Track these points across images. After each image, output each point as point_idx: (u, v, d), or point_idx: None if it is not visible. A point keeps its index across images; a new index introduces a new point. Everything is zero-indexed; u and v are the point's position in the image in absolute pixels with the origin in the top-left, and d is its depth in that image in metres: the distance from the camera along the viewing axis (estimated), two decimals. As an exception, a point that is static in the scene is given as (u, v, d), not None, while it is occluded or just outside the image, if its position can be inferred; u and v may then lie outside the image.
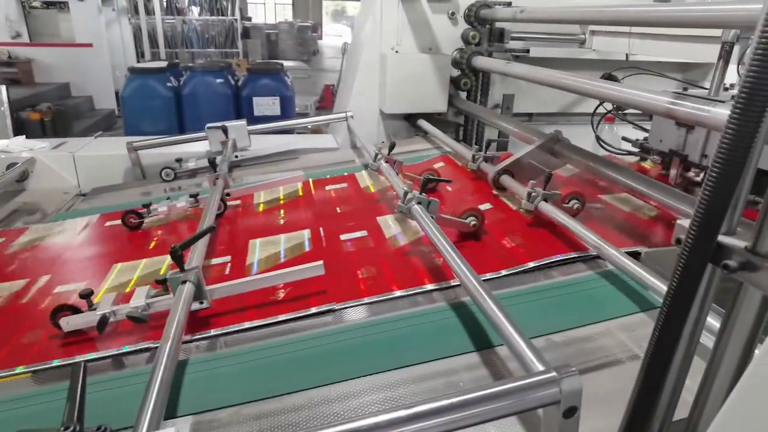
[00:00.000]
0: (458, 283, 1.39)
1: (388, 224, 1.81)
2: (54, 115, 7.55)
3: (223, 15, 13.69)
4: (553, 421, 0.82)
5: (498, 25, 2.85)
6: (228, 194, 2.04)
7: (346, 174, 2.37)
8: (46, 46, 9.89)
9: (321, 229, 1.79)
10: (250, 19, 19.16)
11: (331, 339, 1.24)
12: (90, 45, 10.05)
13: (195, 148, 2.73)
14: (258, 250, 1.70)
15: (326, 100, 10.00)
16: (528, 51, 2.98)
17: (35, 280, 1.66)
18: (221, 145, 2.55)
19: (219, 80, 5.34)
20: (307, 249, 1.67)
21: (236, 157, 2.56)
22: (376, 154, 2.08)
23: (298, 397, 1.09)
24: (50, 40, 9.94)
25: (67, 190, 2.56)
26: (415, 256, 1.59)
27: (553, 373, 0.81)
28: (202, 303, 1.32)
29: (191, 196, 2.00)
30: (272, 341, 1.25)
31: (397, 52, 2.86)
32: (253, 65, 5.84)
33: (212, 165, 2.13)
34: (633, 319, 1.30)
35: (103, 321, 1.28)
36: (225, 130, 2.54)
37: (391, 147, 2.14)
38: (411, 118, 2.98)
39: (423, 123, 2.87)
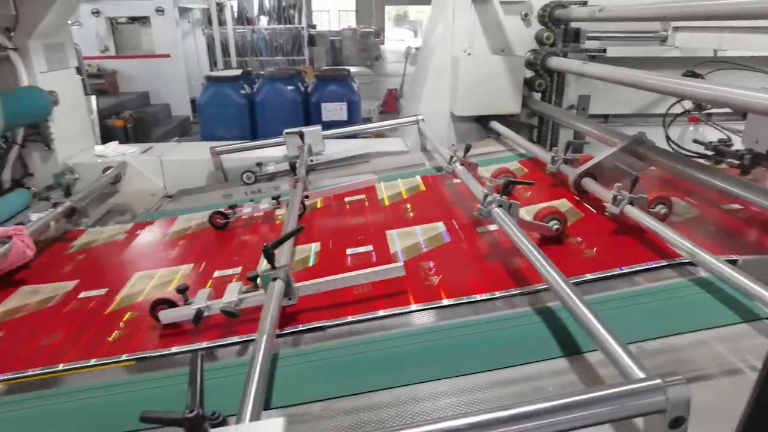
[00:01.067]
0: (542, 287, 1.37)
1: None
2: (135, 122, 8.07)
3: (290, 24, 14.14)
4: (657, 431, 0.79)
5: (573, 24, 2.78)
6: (306, 196, 2.11)
7: (414, 177, 2.39)
8: (129, 58, 10.59)
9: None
10: (314, 26, 19.68)
11: (414, 340, 1.25)
12: (168, 56, 10.67)
13: (272, 153, 2.84)
14: (397, 240, 1.75)
15: (389, 104, 10.09)
16: (605, 51, 2.88)
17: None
18: (298, 149, 2.64)
19: (290, 87, 5.53)
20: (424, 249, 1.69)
21: (311, 161, 2.64)
22: (451, 157, 2.08)
23: (386, 395, 1.11)
24: (133, 52, 10.62)
25: (154, 192, 2.74)
26: (493, 260, 1.58)
27: (658, 381, 0.78)
28: (290, 299, 1.37)
29: (273, 198, 2.09)
30: (356, 339, 1.28)
31: (469, 54, 2.85)
32: (321, 72, 5.99)
33: (293, 168, 2.22)
34: (734, 330, 1.22)
35: (199, 315, 1.37)
36: (302, 135, 2.63)
37: (467, 149, 2.14)
38: (482, 120, 2.96)
39: (496, 125, 2.84)
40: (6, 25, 2.41)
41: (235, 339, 1.35)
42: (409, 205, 2.03)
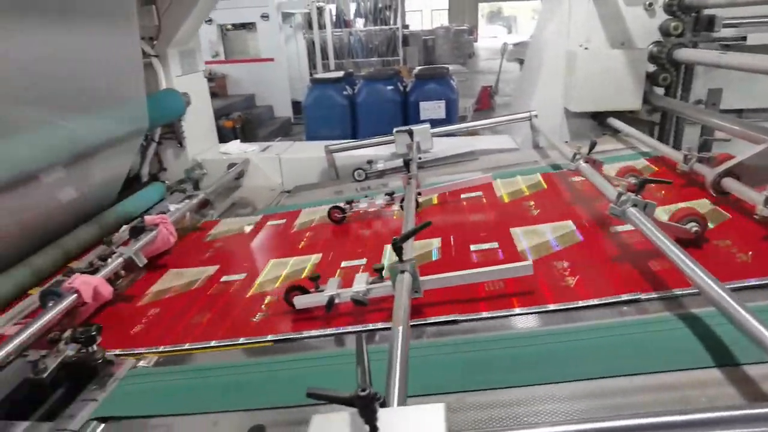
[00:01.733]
0: (688, 291, 1.29)
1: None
2: (243, 123, 8.61)
3: (385, 25, 14.36)
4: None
5: (707, 11, 2.57)
6: (419, 193, 2.14)
7: (533, 175, 2.33)
8: (237, 62, 11.29)
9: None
10: (407, 26, 19.85)
11: (550, 339, 1.22)
12: (272, 59, 11.25)
13: (379, 151, 2.91)
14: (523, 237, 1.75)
15: (483, 102, 9.93)
16: (744, 38, 2.63)
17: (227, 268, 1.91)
18: (407, 147, 2.68)
19: (389, 87, 5.63)
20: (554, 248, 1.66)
21: (419, 158, 2.67)
22: (575, 154, 2.01)
23: (520, 392, 1.09)
24: (240, 57, 11.32)
25: (273, 188, 2.91)
26: (629, 261, 1.50)
27: None
28: (416, 292, 1.40)
29: (387, 194, 2.14)
30: (489, 335, 1.28)
31: (586, 48, 2.73)
32: (420, 71, 6.03)
33: (407, 166, 2.26)
34: None
35: (331, 302, 1.44)
36: (411, 133, 2.67)
37: (592, 146, 2.05)
38: (599, 117, 2.83)
39: (614, 121, 2.70)
40: (150, 35, 2.67)
41: (365, 327, 1.40)
42: (532, 203, 1.99)
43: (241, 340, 1.39)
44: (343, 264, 1.74)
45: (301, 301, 1.47)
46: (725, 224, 1.64)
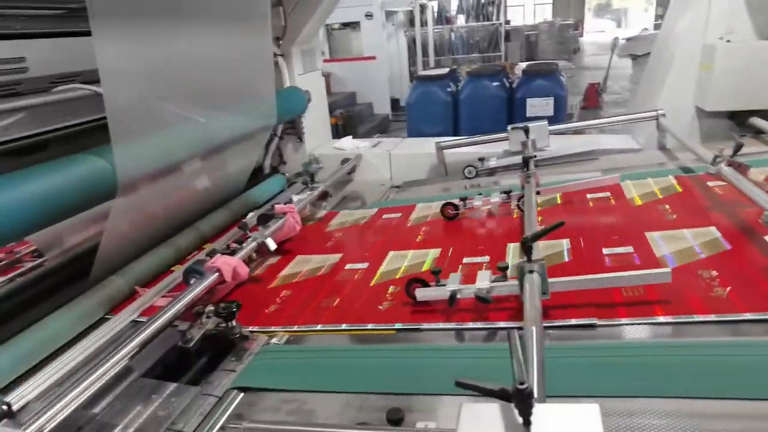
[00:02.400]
0: None
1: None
2: (345, 120, 8.89)
3: (487, 20, 14.11)
4: None
5: None
6: (538, 192, 2.09)
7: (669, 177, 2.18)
8: (341, 61, 11.63)
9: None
10: (509, 22, 19.36)
11: (697, 351, 1.14)
12: (374, 58, 11.47)
13: (489, 149, 2.87)
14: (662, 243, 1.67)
15: (590, 100, 9.41)
16: None
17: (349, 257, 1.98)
18: (521, 145, 2.63)
19: (495, 83, 5.53)
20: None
21: (534, 156, 2.60)
22: (716, 157, 1.86)
23: (664, 403, 1.04)
24: (344, 55, 11.66)
25: (383, 182, 2.98)
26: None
27: None
28: (544, 294, 1.37)
29: (503, 192, 2.11)
30: (627, 341, 1.23)
31: (728, 41, 2.50)
32: (529, 66, 5.87)
33: (525, 164, 2.21)
34: None
35: (453, 296, 1.45)
36: (527, 130, 2.61)
37: (738, 148, 1.88)
38: (738, 116, 2.58)
39: (759, 121, 2.45)
40: (277, 35, 2.83)
41: (487, 324, 1.40)
42: (667, 206, 1.87)
43: (369, 326, 1.45)
44: (465, 260, 1.75)
45: (422, 294, 1.50)
46: None
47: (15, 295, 1.71)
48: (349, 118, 9.05)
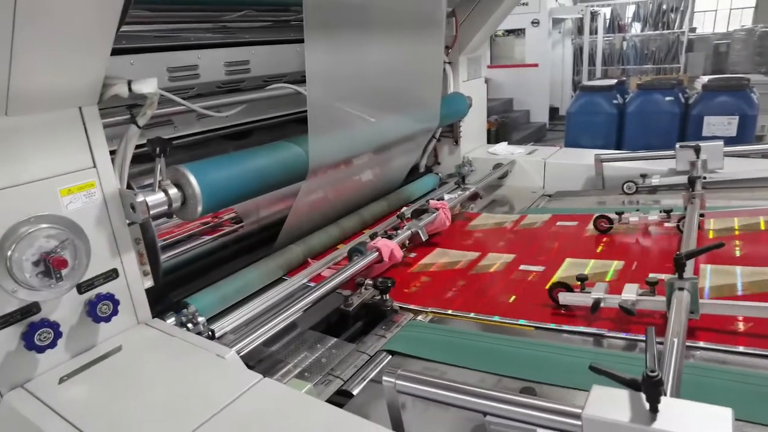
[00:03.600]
0: None
1: None
2: (499, 126, 8.88)
3: (668, 29, 12.94)
4: None
5: None
6: (702, 215, 1.99)
7: None
8: (501, 67, 11.59)
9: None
10: (694, 29, 17.46)
11: None
12: (536, 65, 11.25)
13: (652, 165, 2.75)
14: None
15: (790, 122, 8.16)
16: None
17: (500, 255, 2.08)
18: (690, 164, 2.48)
19: (668, 98, 5.14)
20: None
21: (704, 178, 2.45)
22: None
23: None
24: (505, 62, 11.60)
25: (534, 190, 3.02)
26: None
27: None
28: (692, 313, 1.36)
29: (663, 211, 2.05)
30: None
31: None
32: (711, 81, 5.33)
33: (691, 184, 2.12)
34: None
35: (597, 304, 1.50)
36: (697, 149, 2.46)
37: None
38: None
39: None
40: (447, 44, 3.03)
41: (627, 335, 1.43)
42: None
43: (495, 318, 1.58)
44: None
45: (566, 299, 1.57)
46: None
47: (219, 251, 2.12)
48: (502, 125, 9.02)
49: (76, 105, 1.28)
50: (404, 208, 2.62)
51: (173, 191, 1.46)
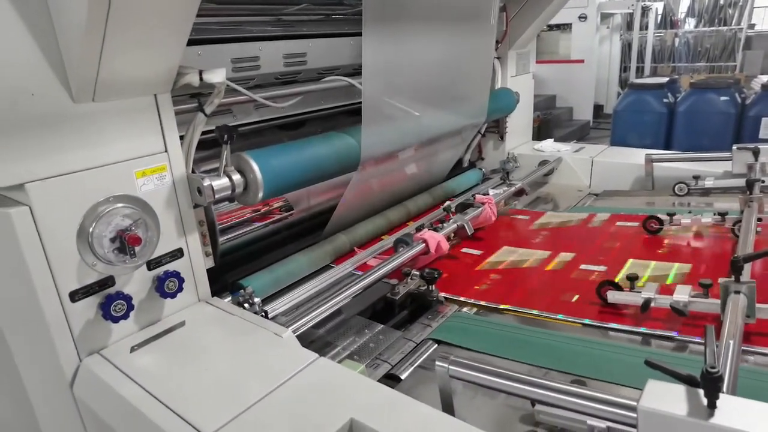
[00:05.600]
0: None
1: None
2: (541, 123, 8.73)
3: (725, 25, 12.41)
4: None
5: None
6: (760, 219, 1.94)
7: None
8: (546, 62, 11.38)
9: None
10: (753, 26, 16.67)
11: None
12: (582, 61, 10.99)
13: (703, 167, 2.68)
14: None
15: None
16: None
17: (557, 254, 2.05)
18: (747, 167, 2.41)
19: (723, 98, 4.97)
20: None
21: (763, 182, 2.38)
22: None
23: None
24: (550, 57, 11.38)
25: (580, 189, 2.99)
26: None
27: None
28: (748, 317, 1.34)
29: (718, 213, 2.01)
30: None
31: None
32: (769, 82, 5.13)
33: (749, 187, 2.07)
34: None
35: (647, 303, 1.50)
36: (756, 151, 2.39)
37: None
38: None
39: None
40: (497, 38, 3.02)
41: (677, 335, 1.43)
42: None
43: (559, 317, 1.59)
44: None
45: (614, 297, 1.57)
46: None
47: (270, 236, 2.20)
48: (545, 122, 8.88)
49: (152, 92, 1.36)
50: (448, 202, 2.65)
51: (237, 177, 1.54)
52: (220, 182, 1.49)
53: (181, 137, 1.49)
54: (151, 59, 1.26)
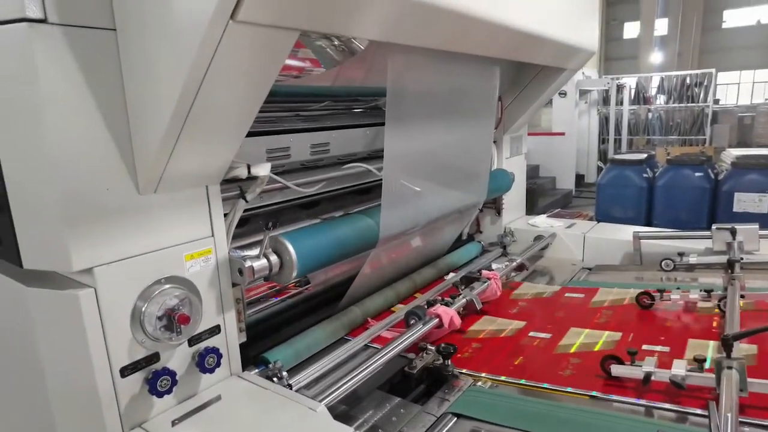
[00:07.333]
0: None
1: None
2: (527, 192, 9.08)
3: (692, 102, 13.28)
4: None
5: None
6: (742, 296, 2.12)
7: None
8: (528, 135, 11.93)
9: None
10: (717, 101, 17.83)
11: None
12: (563, 134, 11.58)
13: (689, 243, 2.89)
14: None
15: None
16: None
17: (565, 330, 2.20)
18: (726, 245, 2.63)
19: (698, 174, 5.32)
20: None
21: (741, 259, 2.58)
22: None
23: None
24: (532, 130, 11.96)
25: (574, 263, 3.17)
26: None
27: None
28: (741, 391, 1.48)
29: (704, 290, 2.19)
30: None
31: None
32: (740, 159, 5.50)
33: (730, 266, 2.26)
34: None
35: (647, 377, 1.63)
36: (734, 231, 2.61)
37: None
38: None
39: None
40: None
41: (677, 407, 1.56)
42: None
43: (569, 389, 1.71)
44: (644, 347, 1.90)
45: (618, 371, 1.70)
46: None
47: (288, 310, 2.31)
48: (530, 191, 9.20)
49: (205, 184, 1.53)
50: (451, 274, 2.79)
51: (274, 258, 1.68)
52: (260, 263, 1.63)
53: (223, 220, 1.63)
54: (212, 157, 1.43)
